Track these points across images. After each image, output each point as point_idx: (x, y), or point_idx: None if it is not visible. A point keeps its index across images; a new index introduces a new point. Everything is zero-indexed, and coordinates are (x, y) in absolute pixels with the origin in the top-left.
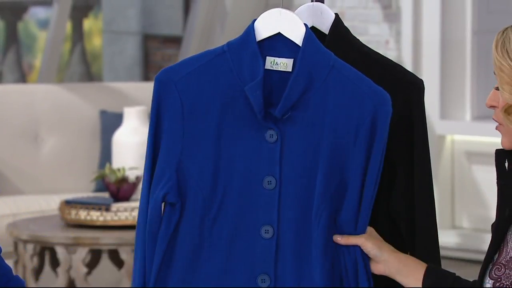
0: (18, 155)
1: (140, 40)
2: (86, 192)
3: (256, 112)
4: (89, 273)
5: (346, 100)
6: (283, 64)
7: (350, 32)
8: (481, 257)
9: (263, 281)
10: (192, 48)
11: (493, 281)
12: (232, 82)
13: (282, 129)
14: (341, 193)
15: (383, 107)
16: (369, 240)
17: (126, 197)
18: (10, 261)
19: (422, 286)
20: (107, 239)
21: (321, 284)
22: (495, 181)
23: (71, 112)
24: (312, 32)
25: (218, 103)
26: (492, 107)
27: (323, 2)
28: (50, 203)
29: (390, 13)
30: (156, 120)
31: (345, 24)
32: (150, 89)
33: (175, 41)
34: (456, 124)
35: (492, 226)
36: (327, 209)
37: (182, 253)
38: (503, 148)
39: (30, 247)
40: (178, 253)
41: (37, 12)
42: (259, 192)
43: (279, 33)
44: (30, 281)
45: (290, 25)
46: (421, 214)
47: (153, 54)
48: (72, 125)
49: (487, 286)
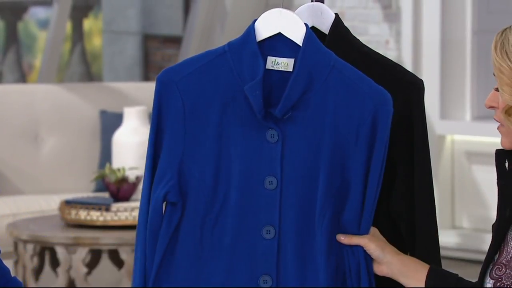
0: (18, 155)
1: (140, 40)
2: (86, 192)
3: (256, 112)
4: (89, 273)
5: (347, 100)
6: (284, 64)
7: (350, 32)
8: (481, 257)
9: (265, 282)
10: (192, 48)
11: (494, 281)
12: (233, 82)
13: (283, 129)
14: (344, 193)
15: (384, 107)
16: (373, 241)
17: (126, 197)
18: (10, 261)
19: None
20: (107, 239)
21: (325, 285)
22: (495, 181)
23: (71, 112)
24: (313, 32)
25: (219, 103)
26: (491, 108)
27: (323, 2)
28: (50, 203)
29: (390, 13)
30: (158, 120)
31: (345, 24)
32: (150, 89)
33: (175, 41)
34: (456, 124)
35: (493, 227)
36: (330, 209)
37: (183, 253)
38: (503, 148)
39: (30, 247)
40: (179, 253)
41: (37, 12)
42: (260, 192)
43: (280, 33)
44: (30, 281)
45: (291, 25)
46: (421, 214)
47: (153, 54)
48: (72, 125)
49: (488, 286)
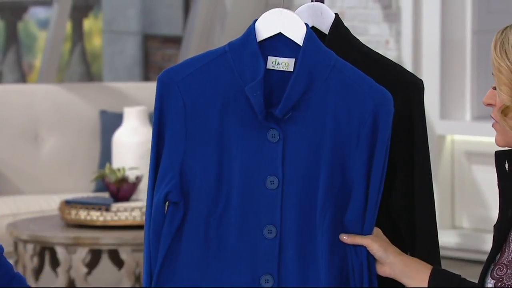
0: (18, 155)
1: (140, 40)
2: (86, 192)
3: (257, 112)
4: (89, 273)
5: (348, 100)
6: (285, 64)
7: (350, 32)
8: (481, 257)
9: (267, 282)
10: (192, 48)
11: (495, 281)
12: (234, 82)
13: (284, 129)
14: (346, 193)
15: (385, 107)
16: (376, 242)
17: (126, 197)
18: (10, 261)
19: None
20: (107, 239)
21: (326, 284)
22: (495, 181)
23: (71, 112)
24: (313, 32)
25: (220, 103)
26: (489, 105)
27: (323, 2)
28: (50, 203)
29: (390, 13)
30: (159, 121)
31: (345, 24)
32: (150, 89)
33: (175, 41)
34: (456, 124)
35: (495, 227)
36: (331, 209)
37: (187, 253)
38: (502, 150)
39: (30, 247)
40: (183, 253)
41: (37, 12)
42: (262, 192)
43: (280, 33)
44: (30, 281)
45: (291, 25)
46: (421, 214)
47: (153, 54)
48: (72, 125)
49: (489, 286)
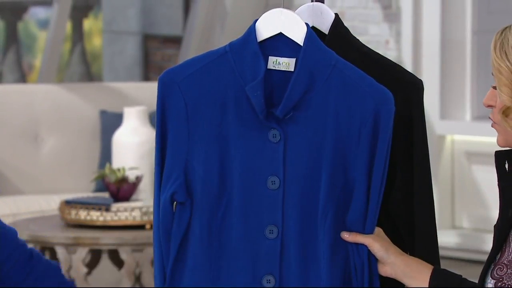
0: (18, 155)
1: (140, 40)
2: (86, 192)
3: (258, 112)
4: (89, 273)
5: (349, 99)
6: (286, 64)
7: (350, 32)
8: (481, 257)
9: (268, 282)
10: (192, 48)
11: (495, 281)
12: (234, 83)
13: (285, 129)
14: (347, 193)
15: (386, 106)
16: (377, 241)
17: (126, 197)
18: None
19: None
20: (107, 239)
21: (327, 284)
22: (495, 181)
23: (71, 112)
24: (314, 32)
25: (221, 104)
26: (490, 107)
27: (323, 2)
28: (50, 203)
29: (390, 13)
30: (162, 121)
31: (345, 24)
32: (150, 89)
33: (175, 41)
34: (456, 124)
35: (495, 227)
36: (333, 209)
37: (194, 253)
38: (502, 150)
39: None
40: (190, 252)
41: (37, 12)
42: (263, 192)
43: (281, 33)
44: None
45: (292, 25)
46: (421, 214)
47: (153, 54)
48: (72, 125)
49: (489, 286)
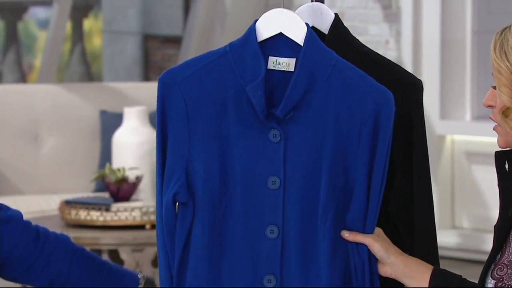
0: (18, 155)
1: (140, 40)
2: (86, 192)
3: (258, 113)
4: None
5: (349, 99)
6: (286, 64)
7: (350, 32)
8: (481, 257)
9: (269, 282)
10: (192, 48)
11: (495, 281)
12: (235, 83)
13: (285, 129)
14: (348, 193)
15: (386, 106)
16: (377, 241)
17: (126, 197)
18: None
19: None
20: (107, 239)
21: (328, 284)
22: (495, 181)
23: (71, 112)
24: (314, 32)
25: (221, 104)
26: (490, 107)
27: (323, 2)
28: (50, 203)
29: (390, 13)
30: (162, 122)
31: (345, 24)
32: (150, 89)
33: (175, 41)
34: (456, 124)
35: (495, 227)
36: (333, 209)
37: (196, 253)
38: (502, 150)
39: None
40: (192, 252)
41: (37, 12)
42: (264, 192)
43: (281, 33)
44: None
45: (292, 25)
46: (420, 215)
47: (153, 54)
48: (72, 125)
49: (489, 286)
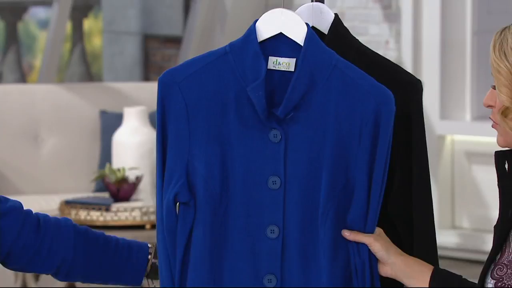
0: (18, 155)
1: (140, 40)
2: (86, 192)
3: (259, 113)
4: None
5: (349, 99)
6: (286, 64)
7: (350, 32)
8: (481, 257)
9: (270, 281)
10: (192, 48)
11: (495, 281)
12: (235, 83)
13: (286, 129)
14: (348, 193)
15: (387, 106)
16: (378, 241)
17: (126, 197)
18: None
19: None
20: None
21: (328, 284)
22: (495, 181)
23: (71, 112)
24: (314, 32)
25: (221, 104)
26: (490, 107)
27: (323, 2)
28: (50, 203)
29: (390, 13)
30: (162, 122)
31: (345, 24)
32: (150, 89)
33: (175, 41)
34: (456, 124)
35: (495, 227)
36: (333, 208)
37: (197, 253)
38: (502, 150)
39: None
40: (193, 252)
41: (37, 12)
42: (264, 192)
43: (281, 33)
44: (30, 282)
45: (292, 25)
46: (419, 215)
47: (153, 54)
48: (72, 125)
49: (489, 286)
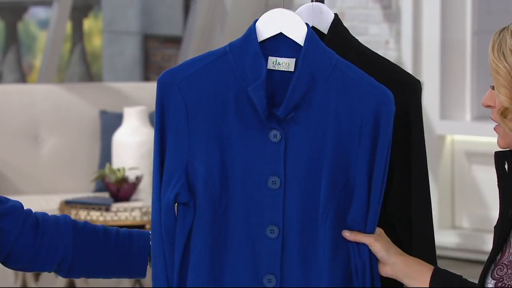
0: (18, 155)
1: (140, 40)
2: (86, 192)
3: (260, 113)
4: None
5: (349, 99)
6: (286, 64)
7: (349, 32)
8: (481, 257)
9: (269, 281)
10: (192, 48)
11: (495, 281)
12: (235, 83)
13: (286, 129)
14: (348, 193)
15: (387, 106)
16: (378, 241)
17: (126, 197)
18: None
19: None
20: None
21: (329, 284)
22: (495, 181)
23: (71, 112)
24: (314, 32)
25: (221, 104)
26: (488, 107)
27: (323, 2)
28: (50, 203)
29: (390, 13)
30: (161, 122)
31: (345, 24)
32: (150, 89)
33: (175, 41)
34: (456, 124)
35: (495, 228)
36: (333, 208)
37: (195, 253)
38: (502, 150)
39: None
40: (192, 252)
41: (37, 12)
42: (264, 192)
43: (281, 33)
44: (30, 281)
45: (292, 25)
46: (418, 216)
47: (153, 54)
48: (72, 125)
49: (489, 287)
